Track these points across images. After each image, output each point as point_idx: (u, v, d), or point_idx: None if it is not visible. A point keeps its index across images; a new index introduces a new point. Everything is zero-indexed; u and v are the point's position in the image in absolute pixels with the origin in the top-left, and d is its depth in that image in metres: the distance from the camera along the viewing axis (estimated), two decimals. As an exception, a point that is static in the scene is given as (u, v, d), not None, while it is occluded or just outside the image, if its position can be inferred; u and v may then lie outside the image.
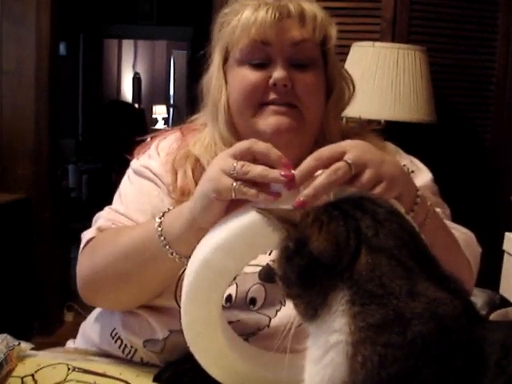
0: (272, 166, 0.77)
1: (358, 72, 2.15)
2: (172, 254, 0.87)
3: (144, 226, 0.94)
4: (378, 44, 2.17)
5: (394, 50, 2.12)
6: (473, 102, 2.51)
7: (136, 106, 7.43)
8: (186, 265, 0.83)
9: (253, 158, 0.79)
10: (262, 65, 1.00)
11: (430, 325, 0.49)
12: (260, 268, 0.97)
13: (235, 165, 0.77)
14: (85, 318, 1.16)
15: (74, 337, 1.18)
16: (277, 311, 0.96)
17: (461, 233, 1.03)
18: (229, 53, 1.04)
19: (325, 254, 0.52)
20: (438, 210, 1.01)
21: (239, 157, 0.79)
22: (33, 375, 0.94)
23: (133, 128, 5.92)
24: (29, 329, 2.98)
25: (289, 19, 0.99)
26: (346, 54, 2.24)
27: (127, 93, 7.63)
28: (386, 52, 2.11)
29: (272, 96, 0.99)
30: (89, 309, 1.14)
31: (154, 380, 0.94)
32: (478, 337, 0.51)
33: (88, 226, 1.09)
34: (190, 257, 0.83)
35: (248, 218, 0.75)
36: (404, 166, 0.98)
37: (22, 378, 0.93)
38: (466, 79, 2.50)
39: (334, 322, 0.52)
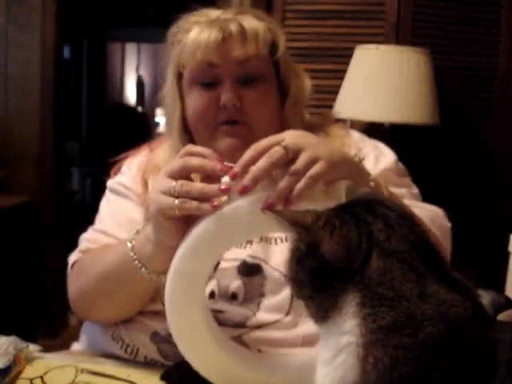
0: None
1: (362, 75, 2.16)
2: (149, 273, 0.93)
3: (118, 249, 0.98)
4: (381, 47, 2.17)
5: (398, 53, 2.12)
6: (476, 103, 2.51)
7: (139, 109, 7.44)
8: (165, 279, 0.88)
9: (189, 173, 0.84)
10: (211, 84, 1.05)
11: (441, 326, 0.49)
12: (238, 263, 1.00)
13: (174, 184, 0.82)
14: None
15: (78, 339, 1.19)
16: (258, 304, 0.99)
17: (426, 210, 1.05)
18: (181, 71, 1.09)
19: (336, 257, 0.52)
20: (403, 190, 1.07)
21: (176, 176, 0.83)
22: (42, 377, 0.95)
23: (137, 131, 5.93)
24: (33, 332, 2.98)
25: (231, 40, 1.03)
26: (350, 56, 2.24)
27: (130, 96, 7.63)
28: (389, 55, 2.12)
29: (223, 116, 1.04)
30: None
31: (162, 379, 0.95)
32: (489, 337, 0.51)
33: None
34: (166, 272, 0.88)
35: (207, 221, 0.80)
36: (355, 155, 1.06)
37: (31, 380, 0.94)
38: (469, 81, 2.50)
39: (344, 323, 0.52)
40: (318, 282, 0.53)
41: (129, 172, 1.15)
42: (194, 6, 1.10)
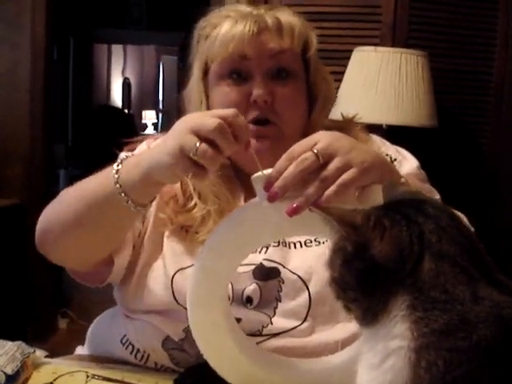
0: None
1: (360, 76, 2.16)
2: (128, 201, 0.87)
3: (102, 173, 0.92)
4: (380, 49, 2.17)
5: (397, 55, 2.12)
6: (472, 106, 2.52)
7: (125, 111, 7.40)
8: (140, 212, 0.88)
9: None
10: (241, 79, 1.02)
11: (495, 328, 0.49)
12: (253, 267, 0.98)
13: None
14: (79, 324, 1.15)
15: (69, 344, 1.18)
16: (274, 308, 0.97)
17: None
18: (208, 66, 1.06)
19: (389, 259, 0.51)
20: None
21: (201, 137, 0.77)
22: (52, 383, 0.92)
23: (122, 133, 5.88)
24: (22, 336, 2.93)
25: (266, 32, 1.01)
26: (347, 58, 2.23)
27: (117, 98, 7.59)
28: (388, 57, 2.11)
29: (253, 113, 1.01)
30: (84, 316, 1.14)
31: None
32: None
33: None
34: (143, 206, 0.87)
35: (233, 220, 0.81)
36: (387, 155, 1.04)
37: (42, 387, 0.92)
38: (463, 84, 2.51)
39: (393, 327, 0.51)
40: (367, 284, 0.52)
41: (146, 148, 1.09)
42: (221, 2, 1.07)
